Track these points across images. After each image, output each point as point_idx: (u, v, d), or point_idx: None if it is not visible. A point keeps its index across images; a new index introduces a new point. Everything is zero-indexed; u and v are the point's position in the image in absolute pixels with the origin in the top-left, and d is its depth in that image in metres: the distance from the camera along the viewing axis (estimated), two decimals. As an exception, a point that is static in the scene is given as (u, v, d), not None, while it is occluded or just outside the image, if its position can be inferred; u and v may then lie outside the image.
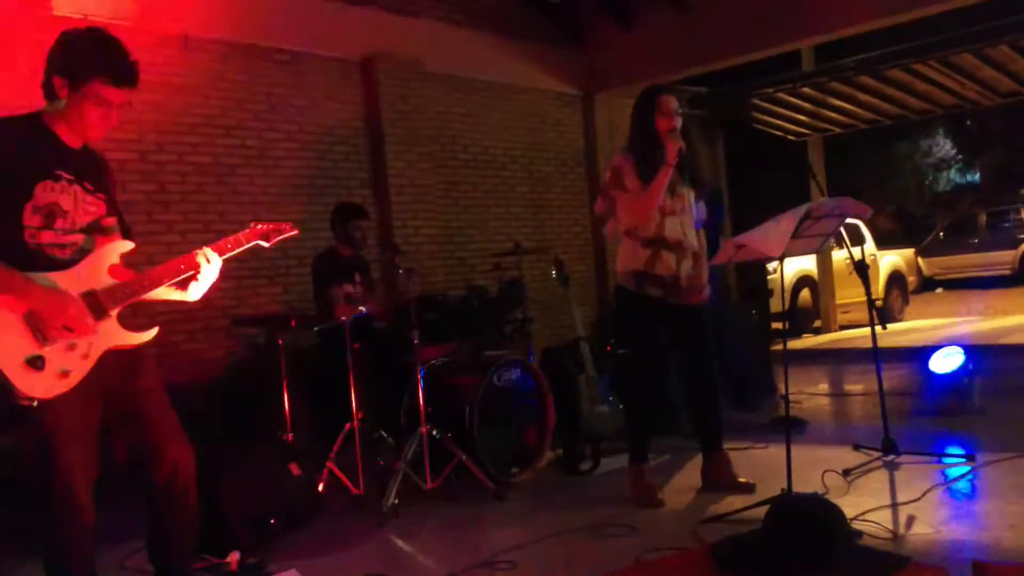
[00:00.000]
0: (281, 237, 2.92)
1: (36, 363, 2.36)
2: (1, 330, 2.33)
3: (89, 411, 2.51)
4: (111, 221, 2.64)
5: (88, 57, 2.48)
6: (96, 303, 2.49)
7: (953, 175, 27.00)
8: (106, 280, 2.55)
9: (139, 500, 2.73)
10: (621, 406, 5.03)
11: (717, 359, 4.31)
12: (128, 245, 2.65)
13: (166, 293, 2.69)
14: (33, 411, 2.36)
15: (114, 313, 2.55)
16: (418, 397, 4.38)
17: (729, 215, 9.74)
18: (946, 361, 5.60)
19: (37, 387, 2.36)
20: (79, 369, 2.45)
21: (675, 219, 4.02)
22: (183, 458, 2.67)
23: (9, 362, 2.32)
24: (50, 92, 2.52)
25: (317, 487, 4.25)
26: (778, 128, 11.28)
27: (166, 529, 2.70)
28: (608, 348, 5.25)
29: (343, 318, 4.45)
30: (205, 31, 6.00)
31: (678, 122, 3.99)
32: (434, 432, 4.37)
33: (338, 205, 5.49)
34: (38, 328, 2.38)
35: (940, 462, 4.29)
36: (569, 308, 5.26)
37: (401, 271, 4.55)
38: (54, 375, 2.40)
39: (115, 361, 2.55)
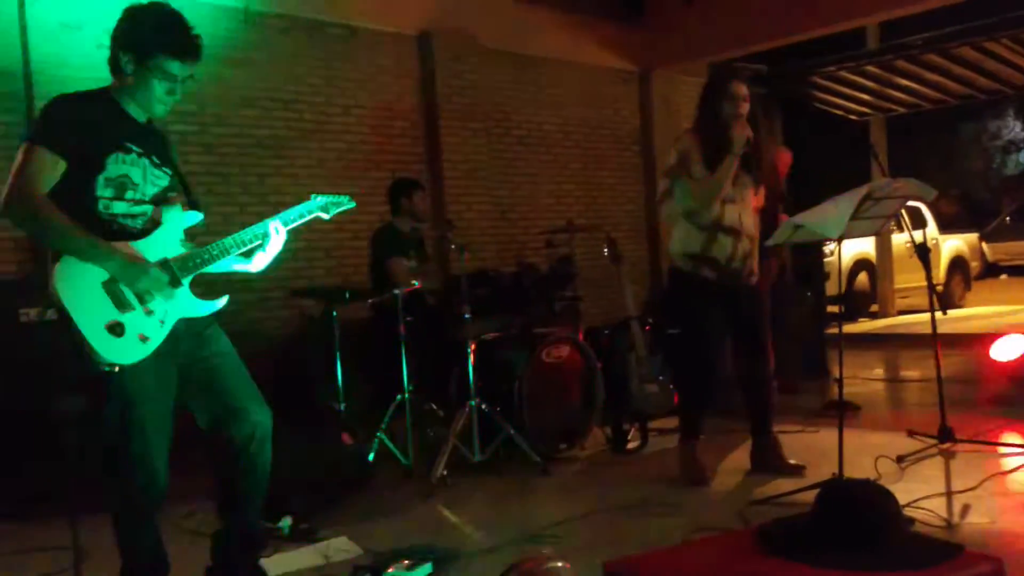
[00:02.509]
0: (340, 209, 2.96)
1: (116, 329, 2.42)
2: (83, 296, 2.39)
3: (166, 378, 2.58)
4: (176, 193, 2.70)
5: (153, 32, 2.52)
6: (170, 272, 2.55)
7: (1022, 158, 26.11)
8: (178, 249, 2.62)
9: (192, 463, 2.81)
10: (671, 386, 5.01)
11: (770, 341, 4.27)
12: (197, 216, 2.70)
13: (233, 262, 2.75)
14: (114, 377, 2.43)
15: (186, 282, 2.61)
16: (468, 371, 4.42)
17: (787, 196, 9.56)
18: (1008, 349, 5.46)
19: (117, 353, 2.42)
20: (156, 336, 2.51)
21: (734, 207, 3.99)
22: (262, 419, 2.73)
23: (90, 328, 2.38)
24: (116, 67, 2.57)
25: (368, 457, 4.32)
26: (840, 107, 11.02)
27: (242, 487, 2.77)
28: (647, 327, 5.22)
29: (410, 287, 4.51)
30: (265, 5, 6.07)
31: (746, 108, 3.94)
32: (483, 406, 4.41)
33: (397, 179, 5.52)
34: (118, 295, 2.44)
35: (998, 451, 4.19)
36: (620, 287, 5.24)
37: (453, 247, 4.58)
38: (133, 341, 2.45)
39: (188, 329, 2.62)
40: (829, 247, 8.60)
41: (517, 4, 7.61)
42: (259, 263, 2.81)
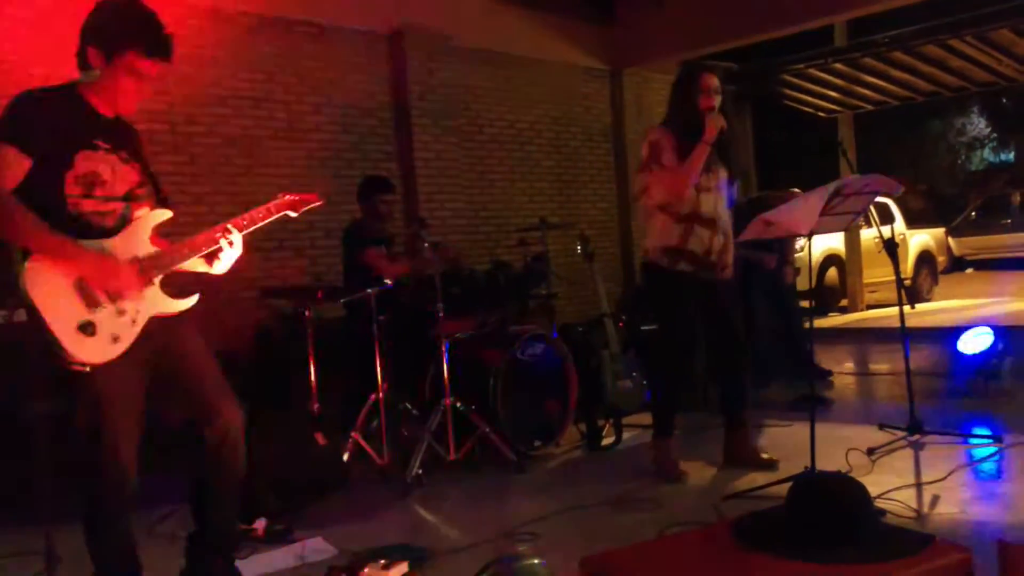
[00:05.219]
0: (307, 207, 2.94)
1: (87, 329, 2.39)
2: (53, 296, 2.36)
3: (136, 378, 2.55)
4: (146, 190, 2.67)
5: (123, 28, 2.48)
6: (141, 270, 2.53)
7: (987, 154, 26.49)
8: (148, 247, 2.58)
9: (166, 465, 2.78)
10: (644, 382, 5.04)
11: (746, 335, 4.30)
12: (167, 214, 2.67)
13: (195, 265, 2.73)
14: (85, 377, 2.40)
15: (157, 280, 2.58)
16: (443, 369, 4.41)
17: (757, 192, 9.64)
18: (975, 342, 5.54)
19: (89, 353, 2.39)
20: (128, 335, 2.48)
21: (709, 196, 4.02)
22: (234, 418, 2.70)
23: (62, 328, 2.35)
24: (84, 62, 2.52)
25: (342, 457, 4.29)
26: (808, 105, 11.14)
27: (215, 488, 2.74)
28: (621, 324, 5.24)
29: (387, 280, 4.50)
30: (235, 3, 6.01)
31: (718, 100, 3.97)
32: (458, 404, 4.40)
33: (364, 179, 5.49)
34: (88, 294, 2.41)
35: (966, 442, 4.26)
36: (594, 284, 5.26)
37: (427, 245, 4.57)
38: (105, 341, 2.42)
39: (159, 328, 2.58)
40: (799, 243, 8.68)
41: (489, 3, 7.60)
42: (220, 267, 2.78)
